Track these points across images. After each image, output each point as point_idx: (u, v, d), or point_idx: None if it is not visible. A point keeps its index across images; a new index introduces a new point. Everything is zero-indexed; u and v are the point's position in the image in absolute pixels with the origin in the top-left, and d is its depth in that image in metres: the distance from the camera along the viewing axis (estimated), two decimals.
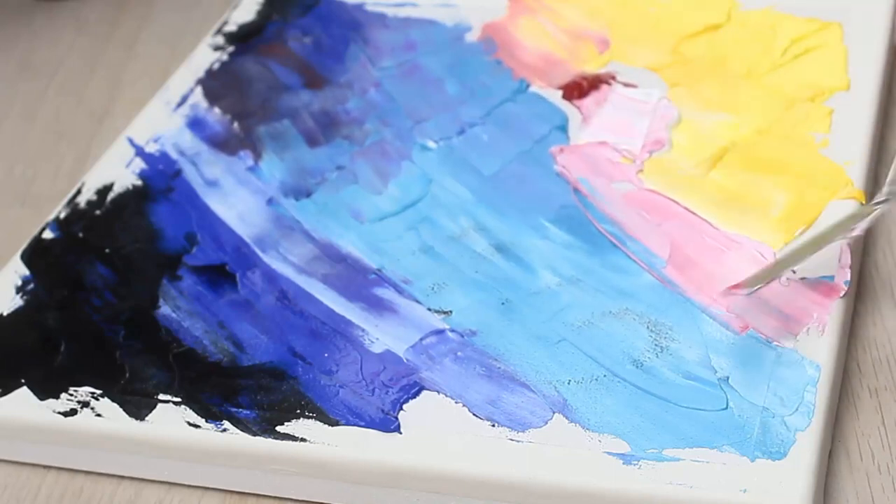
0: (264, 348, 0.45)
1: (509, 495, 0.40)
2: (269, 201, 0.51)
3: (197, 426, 0.42)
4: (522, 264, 0.46)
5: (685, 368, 0.41)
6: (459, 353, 0.43)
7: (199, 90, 0.57)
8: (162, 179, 0.53)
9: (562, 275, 0.45)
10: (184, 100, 0.57)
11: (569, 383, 0.42)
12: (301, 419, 0.42)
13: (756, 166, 0.48)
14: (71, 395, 0.44)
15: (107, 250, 0.50)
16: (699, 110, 0.51)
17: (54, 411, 0.44)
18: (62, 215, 0.52)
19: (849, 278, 0.43)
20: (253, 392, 0.43)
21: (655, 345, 0.42)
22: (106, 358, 0.45)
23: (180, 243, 0.49)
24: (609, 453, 0.39)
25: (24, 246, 0.51)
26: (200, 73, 0.58)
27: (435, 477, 0.40)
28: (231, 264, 0.48)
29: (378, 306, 0.45)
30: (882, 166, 0.50)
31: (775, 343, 0.41)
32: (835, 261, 0.43)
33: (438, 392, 0.42)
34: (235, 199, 0.51)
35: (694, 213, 0.46)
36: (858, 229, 0.43)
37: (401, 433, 0.41)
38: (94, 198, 0.52)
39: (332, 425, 0.42)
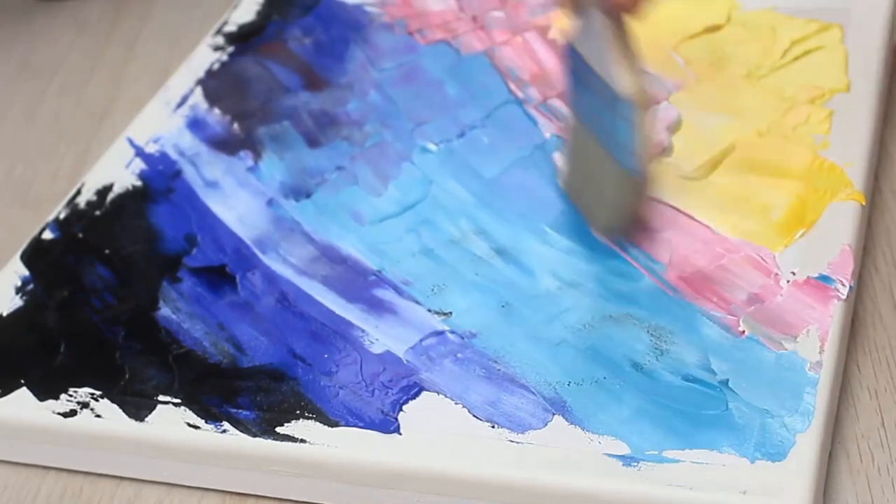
0: (264, 350, 0.45)
1: (509, 496, 0.40)
2: (269, 202, 0.51)
3: (197, 427, 0.42)
4: (522, 268, 0.46)
5: (685, 371, 0.41)
6: (459, 355, 0.43)
7: (199, 90, 0.57)
8: (162, 180, 0.53)
9: (562, 279, 0.45)
10: (184, 100, 0.57)
11: (569, 385, 0.42)
12: (301, 420, 0.42)
13: (756, 168, 0.48)
14: (71, 395, 0.44)
15: (106, 251, 0.50)
16: (699, 112, 0.51)
17: (54, 412, 0.44)
18: (62, 216, 0.52)
19: (852, 284, 0.43)
20: (253, 393, 0.43)
21: (655, 348, 0.42)
22: (106, 359, 0.45)
23: (180, 244, 0.49)
24: (609, 455, 0.39)
25: (24, 246, 0.51)
26: (200, 74, 0.58)
27: (434, 478, 0.40)
28: (231, 266, 0.48)
29: (378, 307, 0.45)
30: (882, 167, 0.50)
31: (775, 345, 0.41)
32: (836, 263, 0.43)
33: (438, 393, 0.42)
34: (235, 201, 0.51)
35: (693, 218, 0.46)
36: None
37: (400, 434, 0.41)
38: (94, 198, 0.52)
39: (332, 426, 0.42)
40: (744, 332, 0.42)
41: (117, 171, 0.54)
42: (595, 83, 0.43)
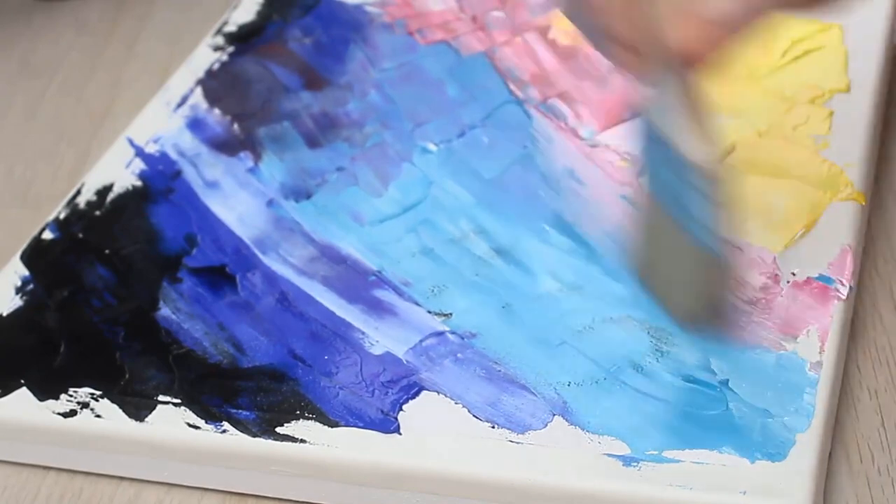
0: (264, 350, 0.45)
1: (509, 497, 0.40)
2: (270, 203, 0.51)
3: (196, 427, 0.42)
4: (523, 268, 0.46)
5: (685, 371, 0.41)
6: (459, 355, 0.43)
7: (199, 90, 0.57)
8: (162, 180, 0.53)
9: (563, 280, 0.45)
10: (184, 100, 0.57)
11: (569, 385, 0.42)
12: (301, 420, 0.42)
13: (756, 169, 0.48)
14: (70, 395, 0.44)
15: (106, 251, 0.50)
16: None
17: (54, 412, 0.44)
18: (62, 216, 0.52)
19: (852, 284, 0.43)
20: (253, 393, 0.43)
21: (656, 349, 0.42)
22: (106, 359, 0.45)
23: (180, 245, 0.49)
24: (609, 455, 0.39)
25: (23, 246, 0.51)
26: (200, 74, 0.58)
27: (434, 478, 0.40)
28: (231, 266, 0.48)
29: (378, 308, 0.45)
30: (882, 168, 0.50)
31: (775, 345, 0.41)
32: (836, 263, 0.43)
33: (438, 393, 0.42)
34: (235, 201, 0.51)
35: None
36: None
37: (400, 434, 0.41)
38: (94, 198, 0.52)
39: (332, 426, 0.42)
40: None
41: (117, 171, 0.53)
42: (668, 154, 0.38)
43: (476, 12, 0.58)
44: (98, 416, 0.43)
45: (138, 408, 0.43)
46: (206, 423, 0.43)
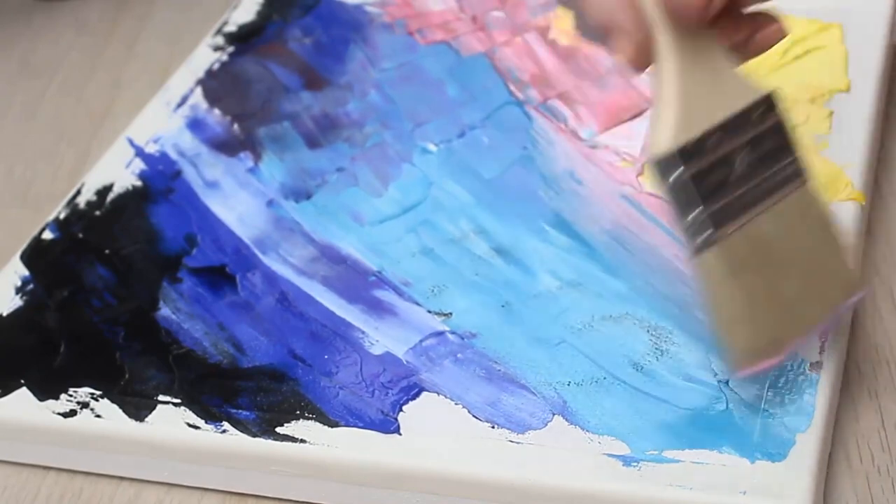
0: (264, 350, 0.45)
1: (509, 497, 0.40)
2: (270, 203, 0.51)
3: (196, 427, 0.42)
4: (522, 267, 0.46)
5: (685, 371, 0.41)
6: (459, 355, 0.43)
7: (199, 91, 0.57)
8: (162, 180, 0.53)
9: (562, 278, 0.45)
10: (184, 100, 0.57)
11: (569, 385, 0.42)
12: (301, 420, 0.42)
13: None
14: (70, 395, 0.44)
15: (106, 251, 0.50)
16: None
17: (54, 412, 0.44)
18: (62, 216, 0.52)
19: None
20: (253, 393, 0.43)
21: (656, 348, 0.42)
22: (106, 359, 0.45)
23: (180, 245, 0.49)
24: (609, 455, 0.39)
25: (23, 246, 0.51)
26: (200, 74, 0.58)
27: (434, 478, 0.40)
28: (231, 266, 0.48)
29: (378, 308, 0.45)
30: (881, 168, 0.50)
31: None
32: None
33: (438, 394, 0.42)
34: (235, 201, 0.51)
35: None
36: None
37: (400, 434, 0.41)
38: (94, 198, 0.52)
39: (332, 426, 0.42)
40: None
41: (117, 171, 0.54)
42: None
43: (476, 12, 0.59)
44: (98, 416, 0.43)
45: (138, 408, 0.43)
46: (206, 423, 0.43)
